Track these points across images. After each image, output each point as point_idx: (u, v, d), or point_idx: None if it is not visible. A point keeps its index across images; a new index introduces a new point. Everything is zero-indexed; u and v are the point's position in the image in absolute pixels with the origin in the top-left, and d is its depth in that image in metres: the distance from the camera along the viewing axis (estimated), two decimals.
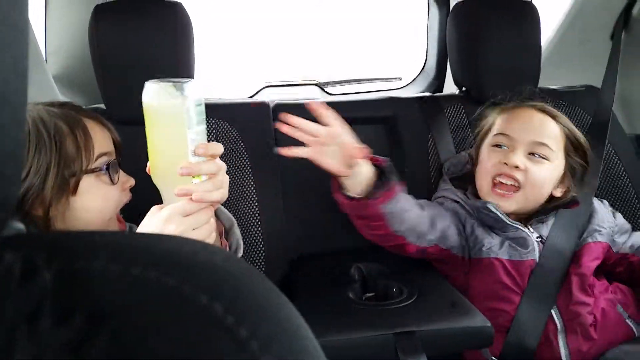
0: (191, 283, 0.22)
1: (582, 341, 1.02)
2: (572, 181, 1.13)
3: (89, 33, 1.12)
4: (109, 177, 0.80)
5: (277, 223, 1.18)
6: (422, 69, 1.93)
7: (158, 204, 0.74)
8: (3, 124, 0.24)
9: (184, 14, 1.16)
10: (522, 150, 1.08)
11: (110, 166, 0.81)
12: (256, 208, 1.18)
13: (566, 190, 1.12)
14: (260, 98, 1.73)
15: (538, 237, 1.10)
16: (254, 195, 1.18)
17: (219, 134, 1.21)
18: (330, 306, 0.98)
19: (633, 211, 1.29)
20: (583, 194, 1.13)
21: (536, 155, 1.08)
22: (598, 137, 1.25)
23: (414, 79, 1.94)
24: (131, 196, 0.85)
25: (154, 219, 0.70)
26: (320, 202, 1.34)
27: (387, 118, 1.39)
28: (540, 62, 1.35)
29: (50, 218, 0.74)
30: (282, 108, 1.36)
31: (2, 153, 0.24)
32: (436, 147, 1.33)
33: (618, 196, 1.31)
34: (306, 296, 1.04)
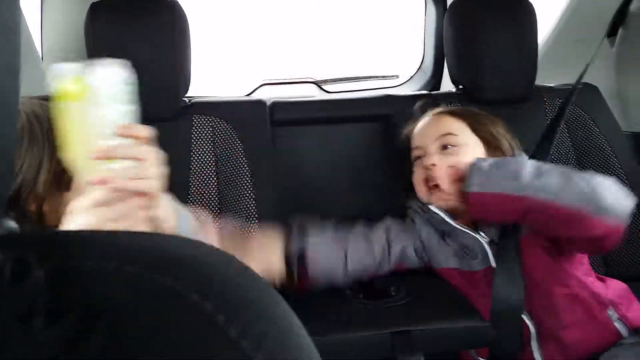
0: (183, 281, 0.22)
1: (555, 348, 1.00)
2: (508, 155, 1.11)
3: (85, 32, 1.12)
4: None
5: (275, 221, 1.18)
6: (419, 67, 1.93)
7: None
8: None
9: (181, 13, 1.16)
10: (433, 149, 1.10)
11: None
12: (253, 206, 1.18)
13: None
14: (257, 96, 1.73)
15: (491, 242, 1.06)
16: (251, 193, 1.18)
17: (216, 132, 1.21)
18: (327, 305, 0.98)
19: None
20: None
21: (448, 146, 1.09)
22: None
23: (411, 77, 1.94)
24: None
25: (75, 213, 0.61)
26: (318, 200, 1.34)
27: (384, 116, 1.39)
28: (536, 60, 1.35)
29: (44, 213, 0.73)
30: (280, 106, 1.36)
31: None
32: None
33: None
34: (302, 295, 1.04)
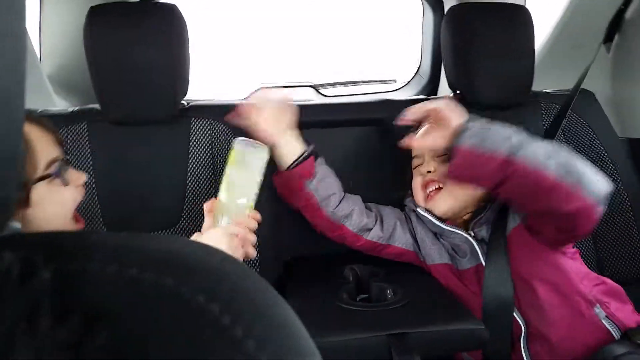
0: (188, 284, 0.22)
1: (542, 346, 1.01)
2: None
3: (84, 34, 1.12)
4: (61, 180, 0.78)
5: (271, 225, 1.18)
6: (417, 72, 1.94)
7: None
8: (2, 129, 0.24)
9: (179, 16, 1.16)
10: (430, 157, 1.14)
11: (60, 169, 0.78)
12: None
13: None
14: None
15: (481, 240, 1.09)
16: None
17: (214, 135, 1.21)
18: (324, 307, 0.98)
19: (625, 214, 1.30)
20: None
21: (444, 155, 1.10)
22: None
23: (409, 82, 1.95)
24: (84, 192, 0.85)
25: (208, 234, 0.84)
26: None
27: (382, 120, 1.40)
28: (533, 66, 1.36)
29: None
30: None
31: (2, 157, 0.24)
32: None
33: (611, 199, 1.31)
34: (300, 297, 1.05)
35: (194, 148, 1.21)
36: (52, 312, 0.20)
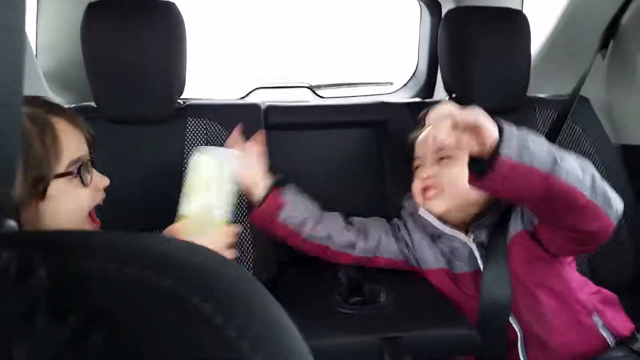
0: (185, 284, 0.22)
1: (540, 352, 1.01)
2: None
3: (81, 31, 1.12)
4: (81, 180, 0.77)
5: None
6: (413, 75, 1.95)
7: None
8: (0, 126, 0.24)
9: (177, 14, 1.16)
10: (430, 161, 1.11)
11: (82, 168, 0.77)
12: (245, 210, 1.18)
13: None
14: (251, 100, 1.73)
15: (480, 244, 1.08)
16: (244, 197, 1.18)
17: (210, 135, 1.21)
18: (317, 310, 0.98)
19: (618, 220, 1.31)
20: None
21: (445, 158, 1.09)
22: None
23: (405, 84, 1.96)
24: (104, 195, 0.83)
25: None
26: None
27: (378, 122, 1.40)
28: (529, 71, 1.36)
29: (21, 224, 0.72)
30: (274, 110, 1.36)
31: (0, 154, 0.24)
32: None
33: None
34: (293, 300, 1.05)
35: (190, 147, 1.21)
36: (50, 311, 0.20)
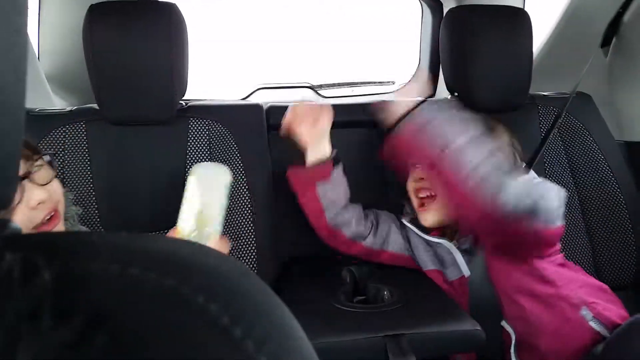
0: (188, 284, 0.22)
1: (530, 355, 1.01)
2: None
3: (83, 33, 1.12)
4: None
5: (269, 225, 1.19)
6: (415, 74, 1.95)
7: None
8: (2, 127, 0.24)
9: (178, 15, 1.16)
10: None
11: None
12: (248, 210, 1.18)
13: None
14: (253, 100, 1.73)
15: (465, 251, 1.09)
16: (247, 197, 1.18)
17: (212, 136, 1.21)
18: (320, 309, 0.98)
19: (621, 217, 1.31)
20: None
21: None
22: None
23: (407, 83, 1.95)
24: (50, 210, 0.75)
25: None
26: None
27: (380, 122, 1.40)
28: (531, 69, 1.36)
29: None
30: (276, 110, 1.36)
31: (2, 155, 0.24)
32: None
33: (607, 201, 1.32)
34: (297, 298, 1.05)
35: (192, 148, 1.21)
36: (54, 313, 0.20)
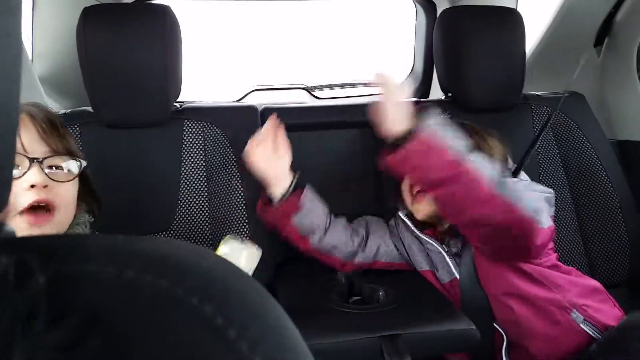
0: (182, 285, 0.22)
1: (521, 356, 1.01)
2: None
3: (77, 35, 1.12)
4: None
5: (264, 225, 1.19)
6: (409, 74, 1.95)
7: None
8: None
9: (172, 17, 1.16)
10: None
11: None
12: (243, 210, 1.18)
13: None
14: (248, 101, 1.73)
15: (455, 255, 1.09)
16: (242, 198, 1.18)
17: (207, 137, 1.21)
18: (316, 309, 0.98)
19: (614, 216, 1.32)
20: None
21: None
22: None
23: (401, 84, 1.96)
24: (42, 201, 0.76)
25: None
26: None
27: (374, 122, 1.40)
28: (524, 69, 1.37)
29: None
30: (271, 112, 1.36)
31: None
32: None
33: (600, 200, 1.33)
34: (292, 299, 1.05)
35: (187, 150, 1.21)
36: (49, 315, 0.20)
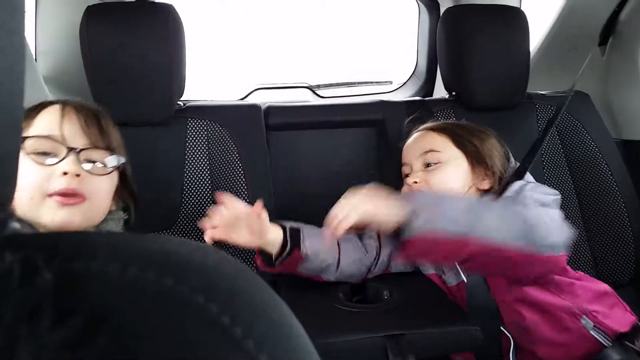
0: (188, 283, 0.22)
1: (529, 359, 1.00)
2: (496, 167, 1.10)
3: (81, 34, 1.12)
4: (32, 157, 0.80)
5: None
6: (413, 73, 1.95)
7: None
8: (0, 127, 0.24)
9: (175, 16, 1.16)
10: (417, 166, 1.11)
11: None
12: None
13: (492, 181, 1.10)
14: (251, 100, 1.73)
15: None
16: (246, 197, 1.18)
17: (211, 136, 1.21)
18: (319, 308, 0.98)
19: (619, 215, 1.31)
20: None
21: (430, 164, 1.10)
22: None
23: (404, 83, 1.96)
24: (71, 190, 0.80)
25: None
26: (311, 204, 1.34)
27: (377, 121, 1.40)
28: (528, 68, 1.37)
29: None
30: (274, 110, 1.37)
31: (0, 155, 0.24)
32: None
33: (605, 200, 1.33)
34: (295, 298, 1.04)
35: (191, 149, 1.21)
36: (54, 313, 0.20)
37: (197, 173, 1.20)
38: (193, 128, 1.22)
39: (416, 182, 1.09)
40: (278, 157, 1.32)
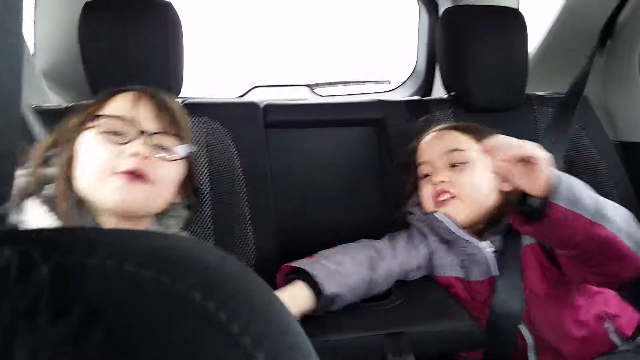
0: (185, 281, 0.22)
1: (551, 357, 0.99)
2: None
3: (79, 30, 1.12)
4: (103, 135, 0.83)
5: (268, 223, 1.19)
6: (412, 73, 1.95)
7: None
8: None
9: (174, 13, 1.16)
10: (442, 165, 1.09)
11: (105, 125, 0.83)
12: (247, 208, 1.18)
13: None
14: (249, 98, 1.73)
15: (495, 251, 1.05)
16: (245, 195, 1.18)
17: (209, 134, 1.21)
18: None
19: None
20: None
21: (457, 164, 1.08)
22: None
23: (403, 82, 1.96)
24: (138, 171, 0.81)
25: None
26: (311, 202, 1.34)
27: (376, 120, 1.40)
28: (527, 69, 1.37)
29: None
30: (273, 108, 1.36)
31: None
32: None
33: None
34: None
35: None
36: (51, 308, 0.20)
37: (196, 170, 1.20)
38: (192, 125, 1.21)
39: (443, 181, 1.07)
40: (276, 155, 1.32)
